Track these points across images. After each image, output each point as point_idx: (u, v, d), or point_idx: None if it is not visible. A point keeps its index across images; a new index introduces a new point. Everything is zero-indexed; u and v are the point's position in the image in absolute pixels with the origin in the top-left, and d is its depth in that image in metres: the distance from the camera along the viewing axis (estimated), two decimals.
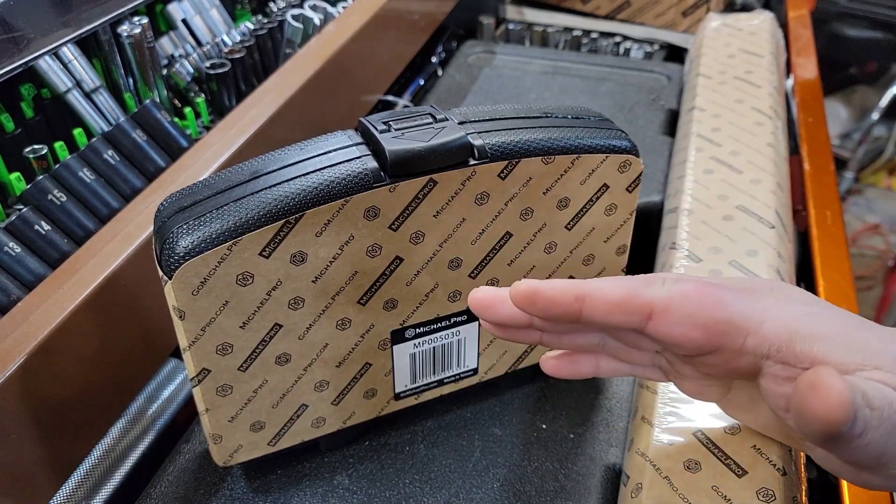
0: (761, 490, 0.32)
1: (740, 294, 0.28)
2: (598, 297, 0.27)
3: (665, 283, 0.28)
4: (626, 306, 0.27)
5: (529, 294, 0.28)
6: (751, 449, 0.33)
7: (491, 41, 0.91)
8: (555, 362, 0.33)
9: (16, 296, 0.42)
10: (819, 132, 0.69)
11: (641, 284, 0.27)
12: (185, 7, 0.70)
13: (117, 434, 0.43)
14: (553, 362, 0.33)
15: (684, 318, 0.27)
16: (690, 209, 0.51)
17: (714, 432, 0.34)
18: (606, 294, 0.27)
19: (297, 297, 0.33)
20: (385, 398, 0.40)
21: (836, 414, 0.22)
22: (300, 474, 0.40)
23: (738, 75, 0.69)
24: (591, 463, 0.41)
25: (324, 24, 0.72)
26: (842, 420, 0.22)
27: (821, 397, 0.22)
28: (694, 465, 0.33)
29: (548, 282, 0.28)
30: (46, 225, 0.46)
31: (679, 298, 0.27)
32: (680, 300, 0.27)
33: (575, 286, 0.27)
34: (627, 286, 0.27)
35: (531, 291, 0.28)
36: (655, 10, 0.91)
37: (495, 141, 0.34)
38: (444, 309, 0.38)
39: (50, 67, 0.55)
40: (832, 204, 0.59)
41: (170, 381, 0.46)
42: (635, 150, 0.38)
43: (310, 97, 0.58)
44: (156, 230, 0.32)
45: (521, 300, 0.28)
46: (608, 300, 0.27)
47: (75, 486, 0.40)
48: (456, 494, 0.39)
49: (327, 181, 0.32)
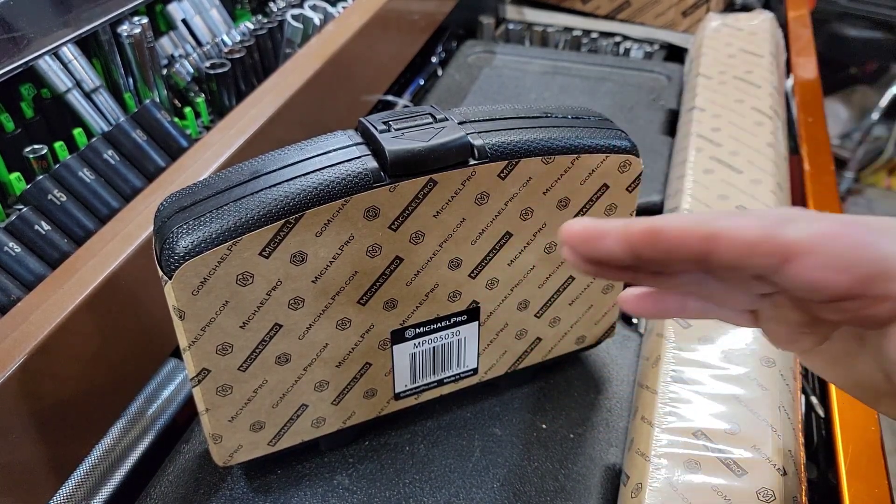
0: (761, 490, 0.32)
1: (885, 234, 0.24)
2: (731, 237, 0.24)
3: (804, 221, 0.24)
4: (763, 247, 0.24)
5: (650, 233, 0.25)
6: (751, 449, 0.33)
7: (491, 41, 0.91)
8: (636, 299, 0.30)
9: (16, 296, 0.42)
10: (819, 132, 0.69)
11: (777, 223, 0.24)
12: (185, 7, 0.69)
13: (117, 434, 0.43)
14: (635, 300, 0.30)
15: (829, 261, 0.23)
16: (690, 209, 0.51)
17: (714, 432, 0.34)
18: (740, 234, 0.24)
19: (297, 297, 0.33)
20: (385, 398, 0.40)
21: None
22: (300, 474, 0.40)
23: (738, 75, 0.69)
24: (591, 463, 0.41)
25: (324, 24, 0.72)
26: None
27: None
28: (694, 465, 0.33)
29: (671, 219, 0.25)
30: (46, 225, 0.46)
31: (823, 239, 0.24)
32: (824, 241, 0.24)
33: (703, 224, 0.24)
34: (764, 225, 0.24)
35: (652, 230, 0.24)
36: (655, 10, 0.91)
37: (495, 141, 0.34)
38: (444, 309, 0.38)
39: (50, 67, 0.55)
40: (832, 204, 0.59)
41: (170, 381, 0.46)
42: (635, 149, 0.38)
43: (310, 97, 0.58)
44: (156, 230, 0.32)
45: (639, 240, 0.25)
46: (744, 240, 0.24)
47: (75, 486, 0.40)
48: (456, 494, 0.39)
49: (327, 181, 0.32)
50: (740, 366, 0.39)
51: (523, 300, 0.41)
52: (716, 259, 0.24)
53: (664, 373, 0.40)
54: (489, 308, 0.40)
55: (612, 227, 0.26)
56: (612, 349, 0.48)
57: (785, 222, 0.24)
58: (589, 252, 0.26)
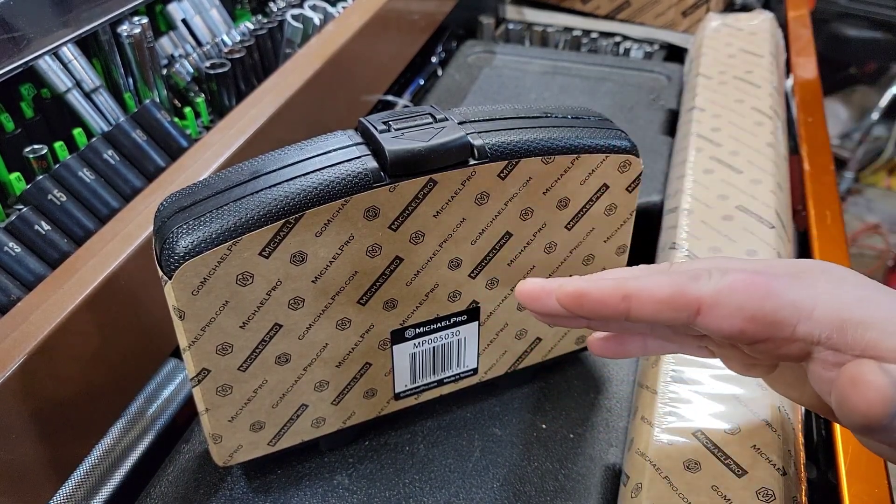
0: (761, 490, 0.32)
1: (789, 281, 0.27)
2: (645, 296, 0.27)
3: (712, 276, 0.27)
4: (673, 303, 0.27)
5: (576, 296, 0.28)
6: (750, 449, 0.33)
7: (491, 41, 0.91)
8: (601, 343, 0.33)
9: (16, 296, 0.42)
10: (819, 132, 0.69)
11: (688, 280, 0.27)
12: (185, 7, 0.70)
13: (117, 434, 0.43)
14: (599, 343, 0.33)
15: (733, 312, 0.26)
16: (690, 209, 0.51)
17: (714, 432, 0.34)
18: (653, 293, 0.27)
19: (297, 297, 0.33)
20: (385, 398, 0.40)
21: (876, 409, 0.22)
22: (300, 474, 0.40)
23: (738, 75, 0.69)
24: (591, 463, 0.41)
25: (324, 24, 0.72)
26: (880, 415, 0.22)
27: (860, 393, 0.22)
28: (694, 465, 0.33)
29: (594, 283, 0.28)
30: (46, 225, 0.46)
31: (727, 292, 0.26)
32: (728, 294, 0.26)
33: (620, 286, 0.27)
34: (674, 283, 0.27)
35: (577, 294, 0.28)
36: (655, 10, 0.91)
37: (495, 141, 0.34)
38: (444, 309, 0.38)
39: (50, 67, 0.55)
40: (832, 204, 0.59)
41: (170, 381, 0.46)
42: (635, 150, 0.38)
43: (310, 97, 0.58)
44: (156, 230, 0.32)
45: (567, 302, 0.28)
46: (656, 298, 0.27)
47: (75, 486, 0.40)
48: (456, 494, 0.39)
49: (327, 181, 0.32)
50: None
51: None
52: (634, 316, 0.27)
53: (664, 372, 0.40)
54: (489, 308, 0.40)
55: (553, 287, 0.29)
56: None
57: (695, 278, 0.27)
58: (539, 309, 0.30)
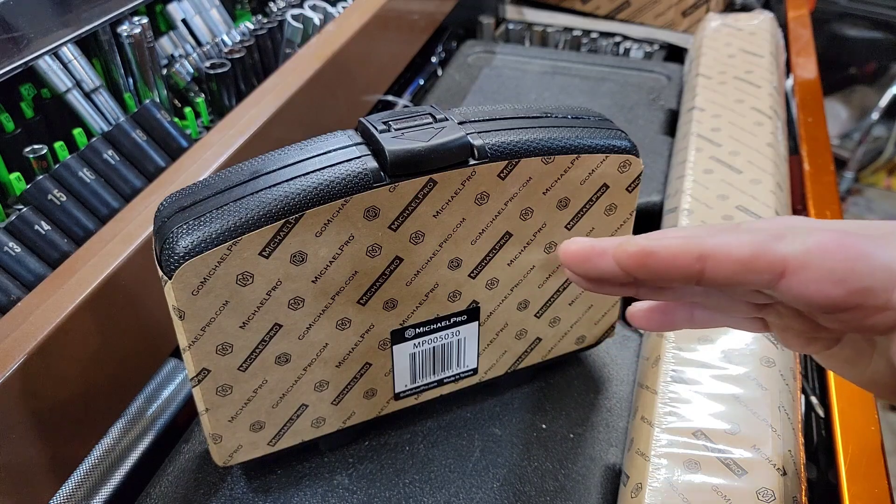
0: (761, 490, 0.32)
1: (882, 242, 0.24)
2: (723, 255, 0.24)
3: (797, 235, 0.24)
4: (755, 264, 0.24)
5: (642, 255, 0.25)
6: (751, 449, 0.33)
7: (491, 41, 0.91)
8: (645, 314, 0.30)
9: (16, 296, 0.42)
10: (819, 132, 0.69)
11: (771, 238, 0.24)
12: (185, 7, 0.69)
13: (117, 434, 0.43)
14: (643, 314, 0.30)
15: (824, 275, 0.23)
16: (690, 209, 0.51)
17: (714, 433, 0.34)
18: (732, 252, 0.24)
19: (297, 297, 0.33)
20: (385, 398, 0.40)
21: None
22: (300, 474, 0.40)
23: (737, 75, 0.69)
24: (591, 463, 0.41)
25: (324, 24, 0.72)
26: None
27: None
28: (693, 464, 0.33)
29: (662, 240, 0.25)
30: (46, 225, 0.46)
31: (817, 253, 0.24)
32: (819, 254, 0.24)
33: (695, 244, 0.24)
34: (756, 241, 0.24)
35: (644, 252, 0.25)
36: (655, 9, 0.91)
37: (495, 141, 0.34)
38: (444, 309, 0.38)
39: (50, 67, 0.55)
40: (832, 204, 0.59)
41: (170, 381, 0.46)
42: (635, 150, 0.38)
43: (310, 97, 0.58)
44: (156, 230, 0.32)
45: (629, 262, 0.25)
46: (736, 258, 0.24)
47: (75, 486, 0.40)
48: (456, 494, 0.39)
49: (327, 181, 0.32)
50: (740, 366, 0.39)
51: (523, 300, 0.41)
52: (709, 278, 0.24)
53: (664, 373, 0.40)
54: (489, 308, 0.40)
55: (608, 246, 0.26)
56: (612, 349, 0.48)
57: (778, 237, 0.24)
58: (587, 271, 0.27)
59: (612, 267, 0.26)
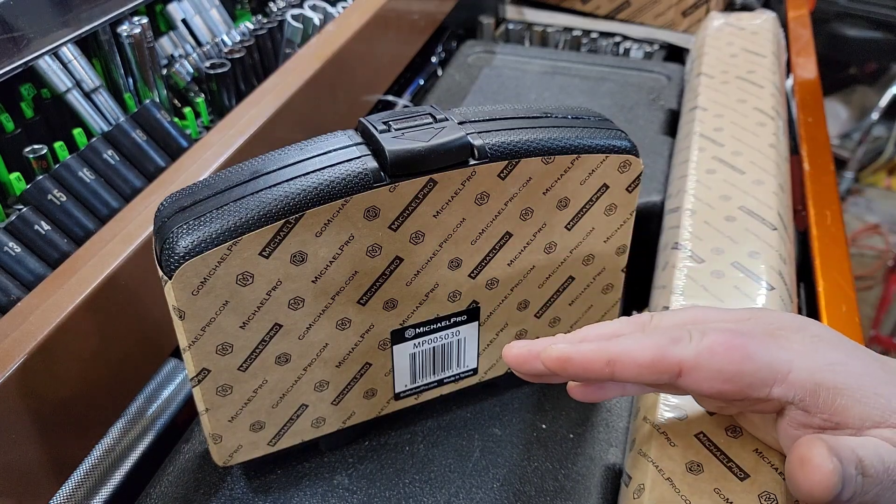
0: (763, 494, 0.32)
1: (766, 341, 0.29)
2: (628, 360, 0.28)
3: (692, 338, 0.29)
4: (655, 368, 0.28)
5: (561, 361, 0.29)
6: (753, 453, 0.33)
7: (491, 41, 0.91)
8: (582, 390, 0.34)
9: (16, 296, 0.42)
10: (819, 132, 0.69)
11: (669, 343, 0.28)
12: (185, 7, 0.69)
13: (117, 434, 0.43)
14: (580, 390, 0.34)
15: (713, 375, 0.28)
16: (693, 209, 0.51)
17: (717, 435, 0.34)
18: (636, 358, 0.28)
19: (297, 297, 0.33)
20: (385, 398, 0.40)
21: (820, 492, 0.24)
22: (300, 474, 0.40)
23: (740, 75, 0.69)
24: (591, 463, 0.41)
25: (324, 24, 0.72)
26: (825, 497, 0.24)
27: (806, 474, 0.25)
28: (696, 467, 0.33)
29: (577, 347, 0.29)
30: (46, 225, 0.46)
31: (707, 356, 0.28)
32: (708, 357, 0.28)
33: (604, 351, 0.29)
34: (656, 346, 0.28)
35: (563, 359, 0.29)
36: (655, 10, 0.91)
37: (495, 141, 0.34)
38: (444, 309, 0.38)
39: (50, 67, 0.55)
40: (832, 204, 0.59)
41: (170, 381, 0.46)
42: (635, 150, 0.38)
43: (310, 97, 0.58)
44: (156, 230, 0.32)
45: (553, 366, 0.30)
46: (638, 363, 0.28)
47: (75, 486, 0.40)
48: (456, 494, 0.39)
49: (327, 181, 0.32)
50: None
51: (523, 300, 0.41)
52: (619, 377, 0.29)
53: None
54: (489, 308, 0.40)
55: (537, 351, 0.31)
56: None
57: (676, 340, 0.28)
58: (526, 371, 0.31)
59: (542, 369, 0.30)
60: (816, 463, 0.25)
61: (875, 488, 0.26)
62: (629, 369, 0.28)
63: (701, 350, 0.28)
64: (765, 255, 0.46)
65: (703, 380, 0.28)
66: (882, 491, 0.26)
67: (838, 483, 0.24)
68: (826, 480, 0.24)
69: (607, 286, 0.43)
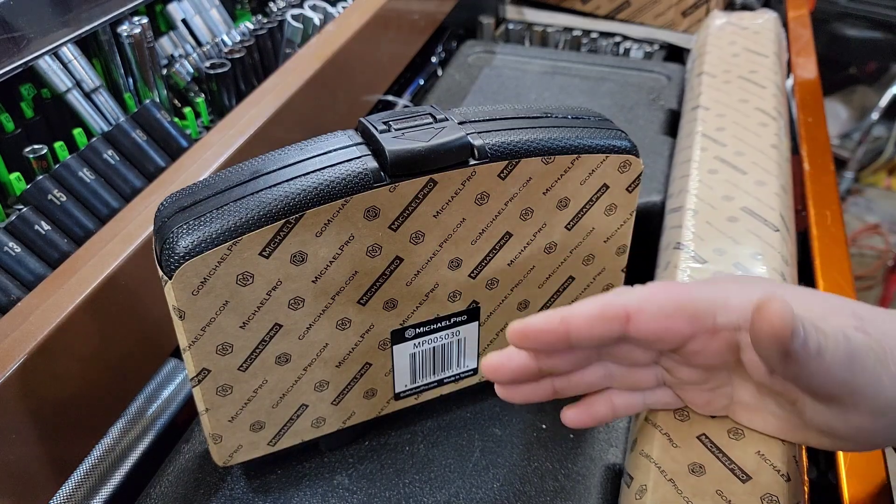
0: (765, 496, 0.32)
1: (703, 284, 0.32)
2: (578, 313, 0.30)
3: (635, 289, 0.31)
4: (604, 315, 0.30)
5: (521, 330, 0.31)
6: (755, 454, 0.33)
7: (491, 41, 0.91)
8: (573, 412, 0.35)
9: (16, 296, 0.42)
10: (819, 132, 0.69)
11: (614, 296, 0.31)
12: (185, 7, 0.69)
13: (117, 434, 0.43)
14: (572, 413, 0.35)
15: (657, 312, 0.30)
16: (695, 209, 0.51)
17: (719, 437, 0.34)
18: (585, 310, 0.30)
19: (297, 297, 0.33)
20: (385, 398, 0.40)
21: (780, 325, 0.25)
22: (300, 474, 0.40)
23: (742, 75, 0.68)
24: (591, 463, 0.41)
25: (324, 24, 0.72)
26: (787, 330, 0.25)
27: (766, 315, 0.25)
28: (698, 468, 0.33)
29: (533, 316, 0.31)
30: (46, 225, 0.46)
31: (648, 296, 0.30)
32: (649, 297, 0.30)
33: (557, 312, 0.31)
34: (602, 299, 0.31)
35: (522, 328, 0.31)
36: (655, 10, 0.91)
37: (495, 141, 0.34)
38: (444, 309, 0.38)
39: (50, 67, 0.55)
40: (832, 204, 0.59)
41: (170, 381, 0.46)
42: (635, 150, 0.38)
43: (310, 97, 0.58)
44: (156, 230, 0.32)
45: (516, 338, 0.31)
46: (588, 313, 0.30)
47: (75, 486, 0.40)
48: (456, 494, 0.39)
49: (327, 181, 0.32)
50: None
51: (523, 300, 0.41)
52: (574, 334, 0.30)
53: None
54: (489, 308, 0.40)
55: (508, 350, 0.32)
56: None
57: (621, 293, 0.31)
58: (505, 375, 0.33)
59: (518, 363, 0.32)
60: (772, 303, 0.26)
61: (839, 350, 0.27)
62: (581, 321, 0.30)
63: (642, 295, 0.31)
64: (767, 256, 0.46)
65: (650, 319, 0.30)
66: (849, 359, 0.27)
67: (795, 316, 0.25)
68: (784, 312, 0.25)
69: (607, 286, 0.43)
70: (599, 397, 0.35)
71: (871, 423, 0.29)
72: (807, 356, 0.26)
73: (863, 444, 0.31)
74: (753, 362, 0.31)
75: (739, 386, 0.34)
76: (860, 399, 0.28)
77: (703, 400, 0.35)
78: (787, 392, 0.31)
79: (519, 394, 0.34)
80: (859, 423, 0.29)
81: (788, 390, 0.31)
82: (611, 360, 0.34)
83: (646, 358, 0.34)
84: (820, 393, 0.29)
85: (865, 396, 0.28)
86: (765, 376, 0.31)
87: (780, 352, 0.26)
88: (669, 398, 0.35)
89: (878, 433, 0.30)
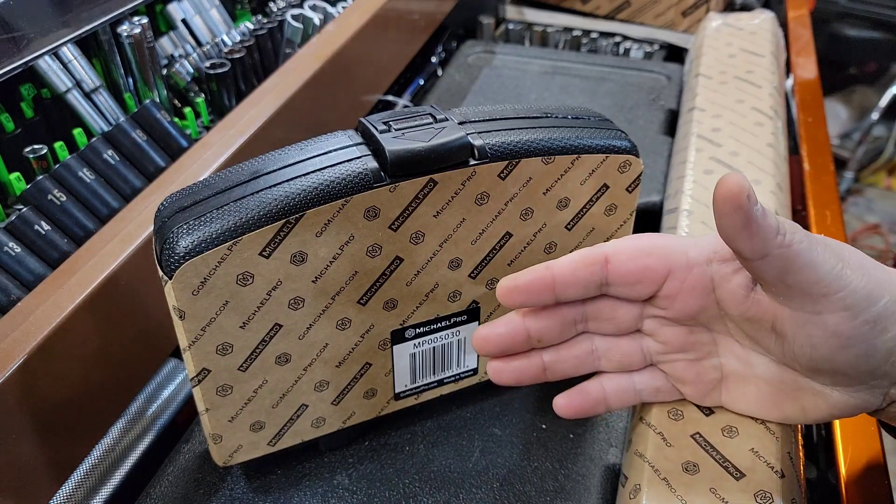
0: (759, 493, 0.32)
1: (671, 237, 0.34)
2: (562, 261, 0.33)
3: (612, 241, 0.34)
4: (585, 260, 0.33)
5: (510, 286, 0.33)
6: (749, 452, 0.33)
7: (491, 41, 0.91)
8: (565, 399, 0.35)
9: (16, 296, 0.42)
10: (819, 132, 0.69)
11: (593, 248, 0.33)
12: (185, 7, 0.70)
13: (117, 434, 0.43)
14: (564, 400, 0.35)
15: (633, 253, 0.33)
16: (690, 210, 0.51)
17: (712, 435, 0.34)
18: (568, 258, 0.33)
19: (297, 297, 0.33)
20: (385, 398, 0.40)
21: (737, 189, 0.27)
22: (300, 474, 0.40)
23: (738, 75, 0.69)
24: (591, 463, 0.41)
25: (324, 24, 0.72)
26: (744, 192, 0.27)
27: (724, 184, 0.27)
28: (692, 466, 0.33)
29: (520, 272, 0.33)
30: (46, 225, 0.46)
31: (625, 242, 0.33)
32: (626, 244, 0.33)
33: (542, 265, 0.33)
34: (583, 250, 0.33)
35: (510, 283, 0.33)
36: (655, 10, 0.91)
37: (495, 141, 0.34)
38: (444, 309, 0.39)
39: (50, 67, 0.55)
40: (832, 204, 0.59)
41: (170, 381, 0.46)
42: (635, 150, 0.38)
43: (310, 97, 0.58)
44: (156, 230, 0.32)
45: (505, 292, 0.33)
46: (571, 260, 0.33)
47: (75, 486, 0.40)
48: (456, 494, 0.39)
49: (327, 181, 0.32)
50: None
51: None
52: (559, 281, 0.33)
53: None
54: (489, 308, 0.40)
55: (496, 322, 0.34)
56: None
57: (599, 245, 0.33)
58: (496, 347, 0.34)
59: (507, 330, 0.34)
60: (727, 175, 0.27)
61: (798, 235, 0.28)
62: (565, 268, 0.32)
63: (619, 241, 0.33)
64: None
65: (628, 259, 0.32)
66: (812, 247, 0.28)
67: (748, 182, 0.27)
68: (736, 176, 0.27)
69: None
70: (589, 382, 0.36)
71: (847, 325, 0.29)
72: (768, 228, 0.28)
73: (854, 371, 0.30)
74: (728, 292, 0.32)
75: (725, 350, 0.34)
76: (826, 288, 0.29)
77: (693, 375, 0.35)
78: (765, 314, 0.31)
79: (510, 369, 0.34)
80: (835, 326, 0.29)
81: (765, 311, 0.31)
82: (595, 328, 0.35)
83: (628, 317, 0.34)
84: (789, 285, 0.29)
85: (829, 287, 0.29)
86: (741, 303, 0.32)
87: (743, 219, 0.27)
88: (660, 382, 0.36)
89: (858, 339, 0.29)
